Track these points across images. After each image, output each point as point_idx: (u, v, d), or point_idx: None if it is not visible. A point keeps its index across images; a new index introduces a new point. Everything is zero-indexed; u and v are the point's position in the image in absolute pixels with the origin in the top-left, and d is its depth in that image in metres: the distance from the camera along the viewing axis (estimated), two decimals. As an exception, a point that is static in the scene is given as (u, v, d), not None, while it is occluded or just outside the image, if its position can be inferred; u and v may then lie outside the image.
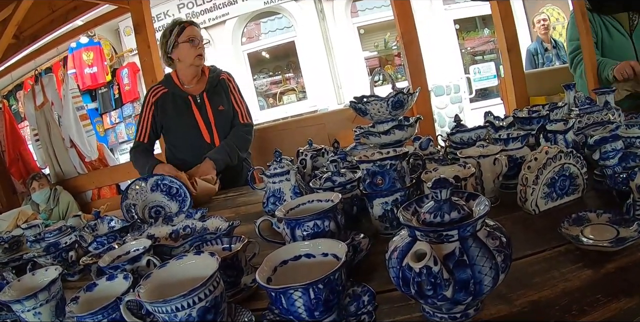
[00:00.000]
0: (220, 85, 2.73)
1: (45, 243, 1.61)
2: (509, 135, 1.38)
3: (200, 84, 2.72)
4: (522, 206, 1.18)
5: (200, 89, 2.70)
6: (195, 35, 2.61)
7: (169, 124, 2.70)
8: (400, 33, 3.32)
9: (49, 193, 4.89)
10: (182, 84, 2.71)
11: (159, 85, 2.75)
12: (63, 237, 1.62)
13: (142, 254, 1.10)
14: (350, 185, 1.23)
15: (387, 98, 1.61)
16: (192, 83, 2.72)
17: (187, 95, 2.67)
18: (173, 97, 2.68)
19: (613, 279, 0.81)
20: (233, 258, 1.02)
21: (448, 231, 0.64)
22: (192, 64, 2.64)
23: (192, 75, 2.70)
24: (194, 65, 2.65)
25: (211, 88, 2.70)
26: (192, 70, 2.68)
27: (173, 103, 2.67)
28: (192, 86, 2.71)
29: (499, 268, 0.65)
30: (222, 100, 2.70)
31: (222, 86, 2.73)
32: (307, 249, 0.86)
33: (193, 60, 2.62)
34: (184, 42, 2.59)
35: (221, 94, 2.71)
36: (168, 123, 2.70)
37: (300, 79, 8.69)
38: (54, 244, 1.58)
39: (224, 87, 2.74)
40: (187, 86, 2.71)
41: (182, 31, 2.60)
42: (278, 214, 1.04)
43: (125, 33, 8.52)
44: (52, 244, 1.58)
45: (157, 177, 2.03)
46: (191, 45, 2.59)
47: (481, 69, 7.70)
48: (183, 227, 1.40)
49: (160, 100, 2.69)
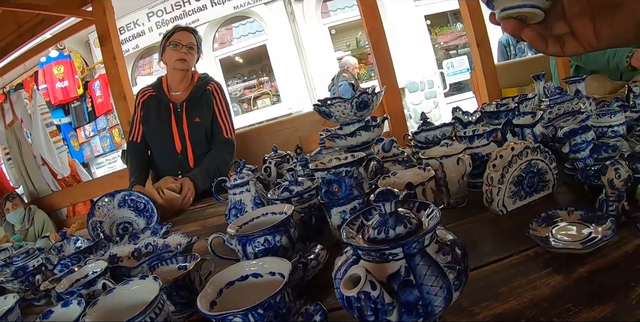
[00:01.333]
0: (205, 96, 2.66)
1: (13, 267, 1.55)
2: (474, 132, 1.33)
3: (185, 92, 2.68)
4: (489, 207, 1.12)
5: (183, 97, 2.66)
6: (180, 40, 2.59)
7: (148, 128, 2.68)
8: (367, 32, 3.28)
9: (24, 213, 4.81)
10: (169, 89, 2.70)
11: (149, 87, 2.75)
12: (31, 260, 1.57)
13: (97, 278, 1.07)
14: (308, 194, 1.17)
15: (351, 99, 1.56)
16: (179, 89, 2.69)
17: (169, 102, 2.65)
18: (157, 102, 2.67)
19: (585, 284, 0.75)
20: (185, 278, 0.97)
21: (391, 249, 0.58)
22: (174, 68, 2.62)
23: (177, 80, 2.67)
24: (177, 69, 2.62)
25: (194, 98, 2.65)
26: (177, 74, 2.66)
27: (156, 109, 2.66)
28: (179, 93, 2.68)
29: (452, 287, 0.59)
30: (202, 112, 2.63)
31: (206, 97, 2.65)
32: (254, 268, 0.80)
33: (174, 63, 2.59)
34: (169, 46, 2.60)
35: (203, 106, 2.65)
36: (147, 127, 2.68)
37: (274, 83, 8.66)
38: (22, 267, 1.53)
39: (208, 98, 2.66)
40: (174, 93, 2.69)
41: (170, 36, 2.61)
42: (229, 230, 0.98)
43: (95, 45, 8.37)
44: (20, 267, 1.53)
45: (125, 192, 2.00)
46: (174, 49, 2.58)
47: (454, 63, 7.73)
48: (145, 245, 1.36)
49: (147, 102, 2.70)
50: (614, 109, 1.30)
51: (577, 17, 0.60)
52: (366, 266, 0.57)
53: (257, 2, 8.00)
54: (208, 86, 2.68)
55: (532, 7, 0.60)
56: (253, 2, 8.01)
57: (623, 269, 0.77)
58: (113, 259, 1.28)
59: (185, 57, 2.59)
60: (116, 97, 3.93)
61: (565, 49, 0.62)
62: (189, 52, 2.61)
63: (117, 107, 4.00)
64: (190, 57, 2.62)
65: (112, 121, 8.12)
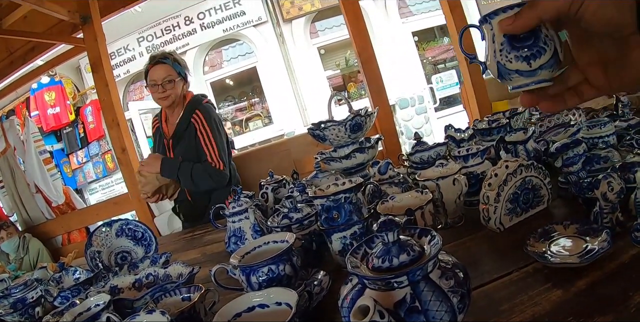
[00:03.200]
0: (190, 130, 2.55)
1: (12, 299, 1.52)
2: (468, 151, 1.35)
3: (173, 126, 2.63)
4: (487, 225, 1.14)
5: (172, 131, 2.62)
6: (155, 79, 2.52)
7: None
8: (357, 52, 3.32)
9: (18, 241, 4.75)
10: (166, 120, 2.71)
11: (156, 116, 2.79)
12: (29, 292, 1.54)
13: (101, 311, 1.06)
14: (307, 221, 1.18)
15: (345, 122, 1.58)
16: (173, 120, 2.65)
17: (163, 135, 2.68)
18: (159, 134, 2.72)
19: (585, 297, 0.77)
20: (190, 310, 0.97)
21: (396, 278, 0.60)
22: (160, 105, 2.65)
23: (169, 112, 2.68)
24: (162, 106, 2.65)
25: (178, 133, 2.58)
26: (166, 109, 2.67)
27: (158, 141, 2.73)
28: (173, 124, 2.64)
29: (456, 310, 0.61)
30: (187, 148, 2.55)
31: (190, 131, 2.55)
32: (260, 299, 0.82)
33: (158, 101, 2.59)
34: (148, 84, 2.58)
35: (187, 140, 2.56)
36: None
37: (265, 104, 8.69)
38: (20, 299, 1.50)
39: (192, 131, 2.55)
40: (170, 124, 2.68)
41: (147, 73, 2.57)
42: (232, 261, 0.98)
43: (86, 70, 8.42)
44: (19, 299, 1.50)
45: (122, 221, 1.98)
46: (153, 89, 2.55)
47: (443, 78, 7.80)
48: (146, 275, 1.36)
49: (155, 133, 2.77)
50: (603, 119, 1.32)
51: (588, 66, 0.62)
52: (372, 294, 0.59)
53: (246, 25, 8.09)
54: (192, 117, 2.56)
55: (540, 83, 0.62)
56: (242, 25, 8.10)
57: (621, 280, 0.79)
58: (114, 291, 1.28)
59: (165, 94, 2.53)
60: (109, 124, 3.92)
61: (584, 97, 0.64)
62: (168, 87, 2.53)
63: (110, 134, 3.98)
64: (172, 91, 2.54)
65: (105, 147, 8.10)
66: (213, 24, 8.18)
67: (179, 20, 8.29)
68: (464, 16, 3.51)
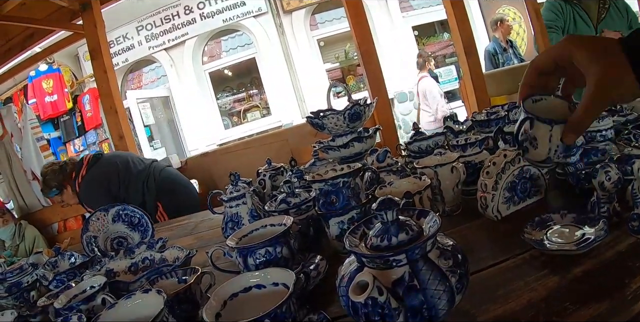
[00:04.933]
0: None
1: (7, 283, 1.53)
2: (467, 140, 1.36)
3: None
4: (484, 213, 1.14)
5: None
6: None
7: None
8: (357, 44, 3.31)
9: (14, 229, 4.73)
10: None
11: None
12: (25, 276, 1.55)
13: (97, 293, 1.06)
14: (305, 205, 1.18)
15: (344, 111, 1.58)
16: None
17: None
18: None
19: (581, 284, 0.77)
20: (186, 292, 0.97)
21: (395, 255, 0.60)
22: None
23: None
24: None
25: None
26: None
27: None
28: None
29: (454, 290, 0.61)
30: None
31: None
32: (257, 279, 0.81)
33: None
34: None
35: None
36: None
37: (263, 95, 8.66)
38: (15, 284, 1.51)
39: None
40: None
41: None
42: (229, 243, 0.98)
43: (85, 58, 8.37)
44: (14, 284, 1.51)
45: (119, 207, 1.98)
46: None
47: (442, 73, 7.77)
48: (142, 259, 1.37)
49: None
50: (601, 114, 1.32)
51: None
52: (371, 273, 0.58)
53: (246, 16, 8.06)
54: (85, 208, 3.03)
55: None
56: (242, 16, 8.06)
57: (617, 268, 0.80)
58: (110, 274, 1.27)
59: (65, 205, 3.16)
60: (107, 111, 3.91)
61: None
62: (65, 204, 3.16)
63: (107, 121, 3.97)
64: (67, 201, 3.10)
65: (102, 135, 8.05)
66: (213, 13, 8.14)
67: (178, 10, 8.25)
68: (465, 11, 3.50)
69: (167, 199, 2.91)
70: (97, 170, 2.90)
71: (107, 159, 3.01)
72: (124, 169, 2.91)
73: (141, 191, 2.88)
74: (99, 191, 2.85)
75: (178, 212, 2.64)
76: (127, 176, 2.89)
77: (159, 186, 2.93)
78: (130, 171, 2.92)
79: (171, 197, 2.94)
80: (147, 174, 2.94)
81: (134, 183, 2.88)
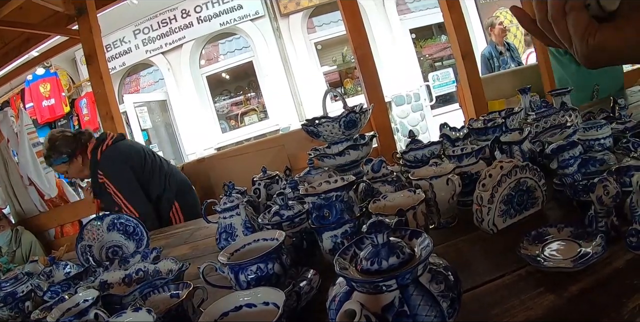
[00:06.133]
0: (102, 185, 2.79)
1: (2, 293, 1.52)
2: (463, 150, 1.34)
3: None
4: (480, 226, 1.12)
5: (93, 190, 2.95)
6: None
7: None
8: (353, 49, 3.30)
9: (11, 234, 4.70)
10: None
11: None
12: (20, 285, 1.54)
13: (90, 308, 1.05)
14: (299, 218, 1.16)
15: (339, 118, 1.57)
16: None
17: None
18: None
19: (578, 302, 0.76)
20: (178, 308, 0.96)
21: (385, 281, 0.58)
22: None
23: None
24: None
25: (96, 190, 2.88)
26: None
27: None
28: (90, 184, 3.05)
29: (445, 315, 0.59)
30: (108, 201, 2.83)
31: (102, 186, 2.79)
32: (248, 298, 0.81)
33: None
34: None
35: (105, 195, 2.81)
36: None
37: (260, 99, 8.65)
38: (10, 293, 1.50)
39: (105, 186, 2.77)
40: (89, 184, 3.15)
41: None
42: (221, 258, 0.97)
43: (82, 62, 8.34)
44: (9, 293, 1.50)
45: (113, 216, 1.97)
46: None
47: (440, 76, 7.78)
48: (136, 270, 1.36)
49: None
50: (600, 122, 1.29)
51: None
52: (360, 297, 0.57)
53: (243, 19, 8.04)
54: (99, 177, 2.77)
55: None
56: (239, 19, 8.05)
57: (614, 286, 0.78)
58: (104, 286, 1.27)
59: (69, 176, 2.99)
60: (103, 116, 3.89)
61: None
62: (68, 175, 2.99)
63: (104, 127, 3.96)
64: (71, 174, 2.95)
65: (100, 139, 8.03)
66: (210, 17, 8.13)
67: (175, 13, 8.23)
68: (462, 15, 3.50)
69: (183, 200, 2.90)
70: (123, 145, 2.85)
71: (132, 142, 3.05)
72: (149, 157, 2.88)
73: (163, 185, 2.84)
74: (122, 166, 2.75)
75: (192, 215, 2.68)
76: (152, 165, 2.84)
77: (179, 186, 2.92)
78: (155, 161, 2.88)
79: (188, 198, 2.94)
80: (168, 171, 2.91)
81: (157, 174, 2.83)
